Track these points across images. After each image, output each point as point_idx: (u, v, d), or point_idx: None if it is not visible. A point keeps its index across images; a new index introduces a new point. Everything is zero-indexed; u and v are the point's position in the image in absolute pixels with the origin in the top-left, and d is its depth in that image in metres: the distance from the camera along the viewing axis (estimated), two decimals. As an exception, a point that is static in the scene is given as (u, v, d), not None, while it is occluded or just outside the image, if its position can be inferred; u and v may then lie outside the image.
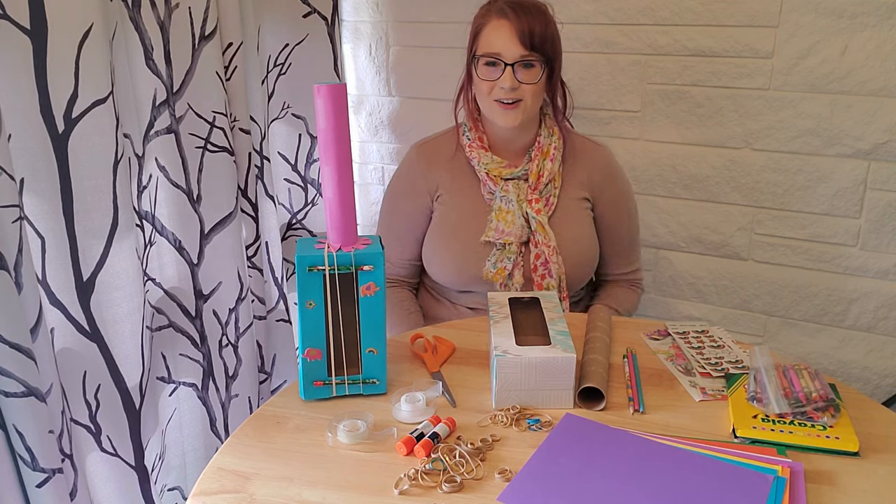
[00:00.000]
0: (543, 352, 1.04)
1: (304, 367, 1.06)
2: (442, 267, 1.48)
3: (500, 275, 1.41)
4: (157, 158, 1.30)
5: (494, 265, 1.41)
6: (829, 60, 1.55)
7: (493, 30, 1.35)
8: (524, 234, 1.41)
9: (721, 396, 1.08)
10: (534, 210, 1.41)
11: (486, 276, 1.42)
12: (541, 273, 1.42)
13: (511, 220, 1.40)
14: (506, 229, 1.40)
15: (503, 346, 1.06)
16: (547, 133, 1.45)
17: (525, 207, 1.41)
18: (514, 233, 1.40)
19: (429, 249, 1.50)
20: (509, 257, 1.41)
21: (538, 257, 1.41)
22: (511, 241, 1.41)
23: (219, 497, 0.88)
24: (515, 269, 1.42)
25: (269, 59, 1.69)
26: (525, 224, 1.41)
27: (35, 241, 1.06)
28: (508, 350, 1.04)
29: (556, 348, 1.05)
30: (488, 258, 1.42)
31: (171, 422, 1.41)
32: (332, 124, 1.01)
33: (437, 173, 1.49)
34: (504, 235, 1.40)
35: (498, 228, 1.41)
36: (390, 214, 1.55)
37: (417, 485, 0.89)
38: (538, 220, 1.40)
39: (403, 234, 1.53)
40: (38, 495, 1.00)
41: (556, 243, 1.41)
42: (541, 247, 1.41)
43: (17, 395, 0.95)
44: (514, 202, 1.41)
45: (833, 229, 1.64)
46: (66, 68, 1.03)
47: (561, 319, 1.14)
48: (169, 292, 1.36)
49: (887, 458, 0.94)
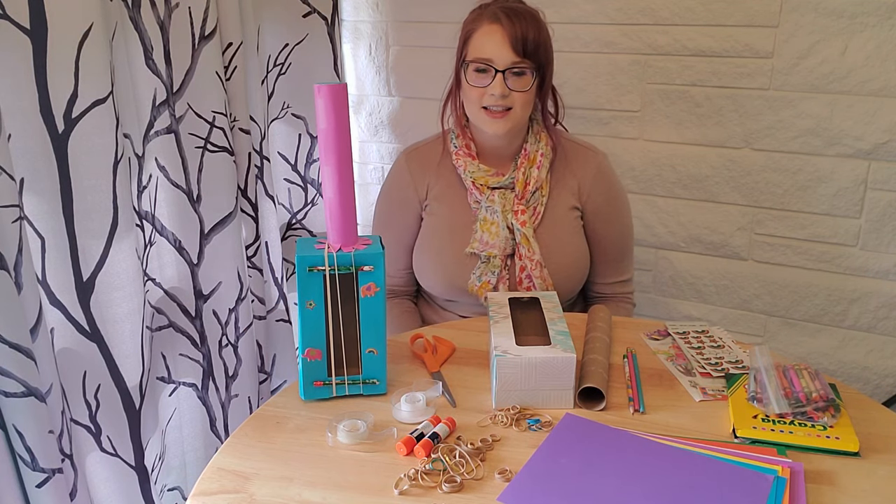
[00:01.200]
0: (543, 352, 1.04)
1: (304, 367, 1.06)
2: (429, 278, 1.46)
3: (484, 288, 1.39)
4: (157, 158, 1.30)
5: (479, 278, 1.39)
6: (829, 60, 1.55)
7: (485, 35, 1.31)
8: (508, 245, 1.39)
9: (721, 396, 1.08)
10: (518, 222, 1.38)
11: (470, 289, 1.40)
12: (526, 286, 1.39)
13: (495, 232, 1.38)
14: (490, 241, 1.38)
15: (503, 346, 1.06)
16: (534, 140, 1.41)
17: (510, 218, 1.39)
18: (499, 245, 1.38)
19: (417, 259, 1.48)
20: (493, 271, 1.39)
21: (523, 270, 1.39)
22: (495, 253, 1.38)
23: (219, 497, 0.88)
24: (500, 282, 1.40)
25: (269, 59, 1.68)
26: (510, 235, 1.39)
27: (35, 241, 1.06)
28: (508, 350, 1.05)
29: (556, 348, 1.05)
30: (473, 271, 1.40)
31: (171, 422, 1.41)
32: (332, 124, 1.01)
33: (426, 181, 1.47)
34: (488, 247, 1.38)
35: (482, 240, 1.39)
36: (382, 226, 1.54)
37: (417, 485, 0.89)
38: (523, 232, 1.37)
39: (396, 243, 1.51)
40: (37, 495, 1.00)
41: (542, 255, 1.39)
42: (524, 260, 1.38)
43: (16, 395, 0.95)
44: (498, 213, 1.38)
45: (833, 229, 1.64)
46: (66, 68, 1.03)
47: (561, 319, 1.14)
48: (169, 292, 1.36)
49: (887, 458, 0.94)
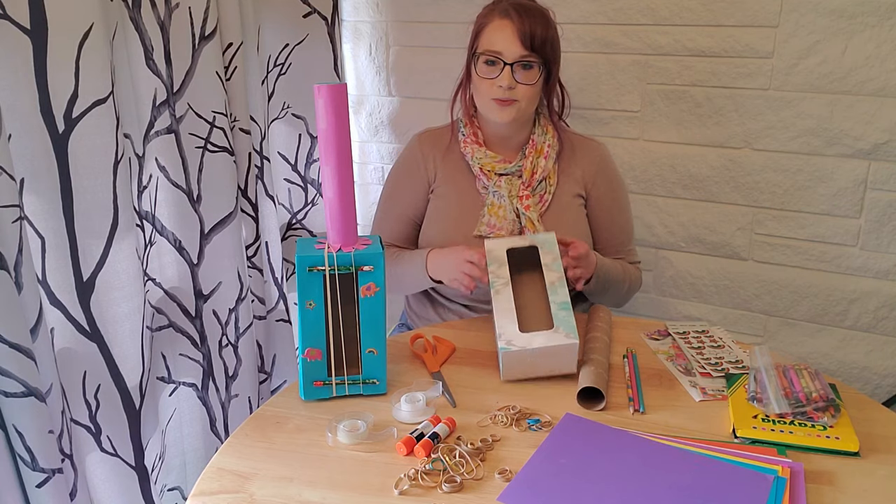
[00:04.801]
0: (547, 339, 1.07)
1: (304, 367, 1.06)
2: None
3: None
4: (157, 158, 1.30)
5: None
6: (829, 60, 1.55)
7: (496, 29, 1.37)
8: (515, 229, 1.43)
9: (721, 396, 1.08)
10: (524, 206, 1.42)
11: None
12: None
13: (503, 216, 1.42)
14: (497, 224, 1.42)
15: (507, 334, 1.09)
16: (541, 132, 1.47)
17: (516, 203, 1.43)
18: (506, 227, 1.42)
19: (424, 242, 1.51)
20: None
21: None
22: (503, 235, 1.41)
23: (219, 497, 0.88)
24: None
25: (269, 59, 1.69)
26: (516, 219, 1.43)
27: (35, 241, 1.06)
28: (512, 340, 1.08)
29: (559, 333, 1.08)
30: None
31: (171, 422, 1.41)
32: (332, 124, 1.01)
33: (435, 163, 1.51)
34: (495, 230, 1.42)
35: (490, 223, 1.43)
36: (389, 198, 1.56)
37: (417, 485, 0.89)
38: (528, 216, 1.42)
39: (401, 215, 1.54)
40: (37, 495, 1.00)
41: None
42: None
43: (17, 395, 0.95)
44: (505, 198, 1.43)
45: (833, 229, 1.64)
46: (66, 68, 1.03)
47: (561, 281, 1.16)
48: (169, 292, 1.36)
49: (887, 458, 0.94)
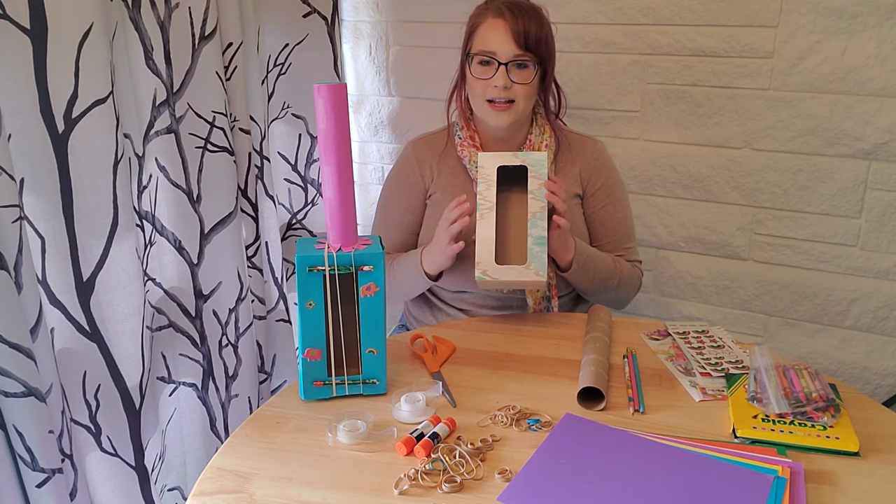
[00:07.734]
0: (518, 274, 1.22)
1: (304, 367, 1.06)
2: None
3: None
4: (157, 158, 1.30)
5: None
6: (829, 60, 1.55)
7: (489, 29, 1.36)
8: None
9: (721, 396, 1.08)
10: None
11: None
12: None
13: None
14: None
15: (483, 263, 1.23)
16: (538, 131, 1.46)
17: None
18: None
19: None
20: None
21: None
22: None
23: (219, 497, 0.88)
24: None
25: (269, 59, 1.69)
26: None
27: (35, 241, 1.06)
28: (487, 271, 1.23)
29: (530, 270, 1.21)
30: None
31: (171, 422, 1.41)
32: (332, 124, 1.01)
33: (431, 170, 1.50)
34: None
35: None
36: (386, 207, 1.56)
37: (417, 485, 0.89)
38: None
39: (399, 223, 1.53)
40: (37, 495, 1.00)
41: None
42: None
43: (16, 395, 0.95)
44: None
45: (833, 229, 1.64)
46: (66, 68, 1.03)
47: (542, 213, 1.24)
48: (169, 292, 1.36)
49: (887, 458, 0.94)
